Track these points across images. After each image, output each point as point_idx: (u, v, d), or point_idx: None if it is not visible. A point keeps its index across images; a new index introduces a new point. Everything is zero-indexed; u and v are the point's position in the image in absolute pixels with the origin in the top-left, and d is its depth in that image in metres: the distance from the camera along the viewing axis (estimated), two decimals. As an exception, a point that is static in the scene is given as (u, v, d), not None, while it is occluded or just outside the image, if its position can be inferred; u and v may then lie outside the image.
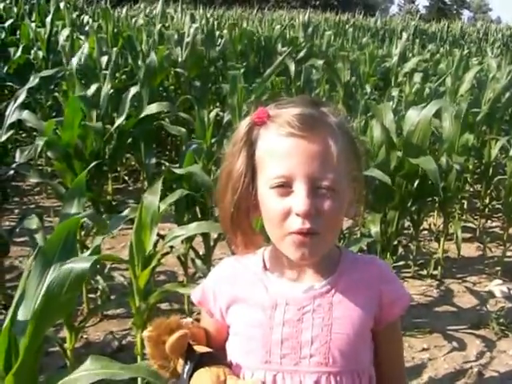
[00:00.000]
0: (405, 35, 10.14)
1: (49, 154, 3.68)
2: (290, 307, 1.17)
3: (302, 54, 7.70)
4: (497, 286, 4.39)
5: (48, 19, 7.11)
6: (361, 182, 1.22)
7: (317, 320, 1.16)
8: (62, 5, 8.72)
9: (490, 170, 5.32)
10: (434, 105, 3.65)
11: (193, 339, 1.19)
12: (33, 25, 7.53)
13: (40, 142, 3.47)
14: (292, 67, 6.68)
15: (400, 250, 4.50)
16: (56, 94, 5.98)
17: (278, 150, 1.10)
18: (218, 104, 7.09)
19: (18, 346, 1.71)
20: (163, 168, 5.89)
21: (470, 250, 5.11)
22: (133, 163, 6.17)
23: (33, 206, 5.58)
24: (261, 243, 1.25)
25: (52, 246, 1.90)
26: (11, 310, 1.75)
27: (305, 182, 1.08)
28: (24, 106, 4.97)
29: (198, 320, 1.31)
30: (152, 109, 4.25)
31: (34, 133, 5.25)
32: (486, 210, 5.72)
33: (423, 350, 3.55)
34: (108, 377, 1.77)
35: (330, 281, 1.19)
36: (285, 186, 1.09)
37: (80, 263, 1.67)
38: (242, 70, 6.61)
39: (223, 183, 1.20)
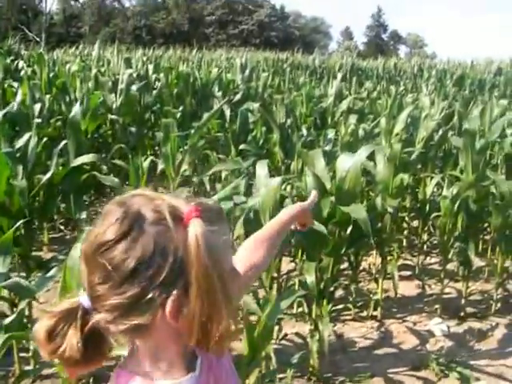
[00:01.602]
0: (339, 75, 10.31)
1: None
2: None
3: (238, 96, 7.74)
4: (436, 325, 4.42)
5: (-21, 66, 7.00)
6: None
7: None
8: (-5, 51, 8.59)
9: (427, 207, 5.39)
10: (366, 150, 3.69)
11: None
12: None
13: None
14: (227, 111, 6.69)
15: (339, 292, 4.50)
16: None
17: None
18: (156, 148, 7.05)
19: None
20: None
21: (409, 289, 5.14)
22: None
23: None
24: None
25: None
26: None
27: None
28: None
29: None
30: (79, 161, 4.18)
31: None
32: (425, 246, 5.79)
33: (364, 396, 3.52)
34: None
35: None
36: None
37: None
38: (179, 115, 6.63)
39: None
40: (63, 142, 4.43)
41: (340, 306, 4.56)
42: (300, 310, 4.37)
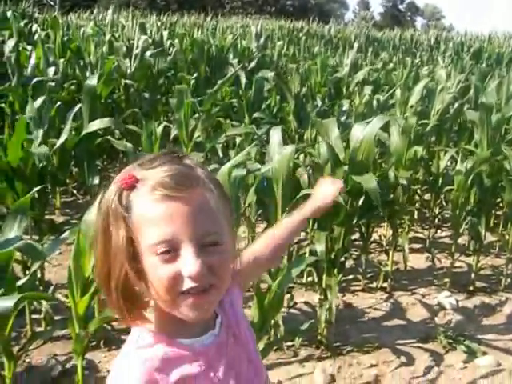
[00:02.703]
0: (356, 45, 10.19)
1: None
2: (215, 361, 1.15)
3: (253, 64, 7.68)
4: (446, 298, 4.43)
5: (-7, 29, 6.97)
6: (235, 225, 1.21)
7: (237, 357, 1.20)
8: (9, 13, 8.53)
9: (439, 181, 5.37)
10: (379, 120, 3.66)
11: None
12: (-22, 34, 7.35)
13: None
14: (243, 78, 6.64)
15: (350, 263, 4.51)
16: (3, 105, 5.85)
17: (156, 215, 1.03)
18: (169, 115, 7.03)
19: None
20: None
21: (419, 261, 5.15)
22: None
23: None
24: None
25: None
26: None
27: (191, 243, 1.03)
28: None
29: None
30: (94, 126, 4.16)
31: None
32: (436, 220, 5.78)
33: (371, 366, 3.54)
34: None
35: (221, 321, 1.21)
36: (170, 251, 1.03)
37: (3, 302, 1.60)
38: (193, 81, 6.58)
39: (103, 261, 1.09)
40: (77, 107, 4.41)
41: (350, 277, 4.58)
42: (310, 279, 4.39)
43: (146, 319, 1.13)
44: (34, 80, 5.51)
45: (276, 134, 3.56)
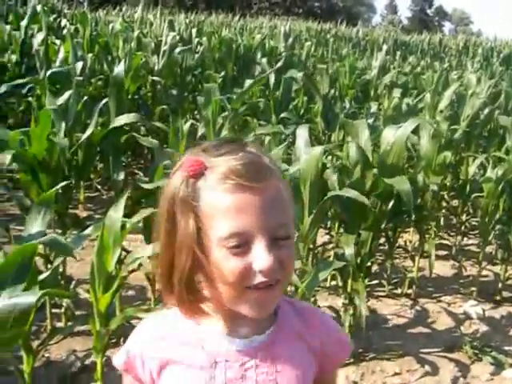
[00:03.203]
0: (384, 47, 10.10)
1: (14, 165, 3.54)
2: (231, 364, 1.07)
3: (280, 63, 7.63)
4: (472, 307, 4.33)
5: (23, 23, 6.98)
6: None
7: (260, 376, 1.07)
8: (39, 8, 8.56)
9: (468, 188, 5.27)
10: (411, 123, 3.58)
11: None
12: (8, 27, 7.37)
13: (7, 156, 3.34)
14: (272, 78, 6.59)
15: (374, 267, 4.43)
16: (29, 98, 5.85)
17: (228, 206, 0.97)
18: (195, 112, 7.00)
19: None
20: (136, 177, 5.79)
21: (445, 269, 5.06)
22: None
23: (0, 213, 5.44)
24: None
25: (4, 273, 1.79)
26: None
27: (263, 236, 0.98)
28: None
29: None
30: (120, 121, 4.12)
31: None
32: (463, 227, 5.68)
33: (395, 374, 3.47)
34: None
35: (271, 332, 1.11)
36: (241, 244, 0.98)
37: (25, 298, 1.56)
38: (220, 80, 6.55)
39: (166, 252, 1.06)
40: (104, 101, 4.38)
41: (374, 282, 4.50)
42: (333, 283, 4.32)
43: (205, 313, 1.10)
44: (61, 74, 5.51)
45: (303, 133, 3.49)
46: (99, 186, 6.15)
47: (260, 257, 0.97)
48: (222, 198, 0.98)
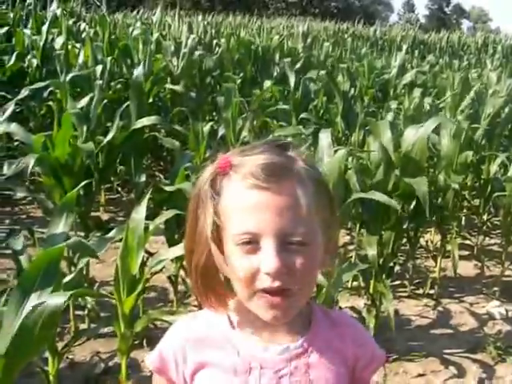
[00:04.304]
0: (404, 46, 10.06)
1: (37, 168, 3.57)
2: (266, 371, 1.07)
3: (299, 64, 7.62)
4: (495, 308, 4.30)
5: (44, 27, 7.03)
6: (336, 227, 1.13)
7: None
8: (58, 12, 8.63)
9: (489, 187, 5.23)
10: (432, 122, 3.56)
11: None
12: (28, 32, 7.44)
13: (31, 159, 3.37)
14: (292, 78, 6.58)
15: (396, 268, 4.41)
16: (50, 102, 5.90)
17: (243, 204, 1.00)
18: (214, 114, 7.02)
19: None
20: (157, 180, 5.82)
21: (467, 269, 5.02)
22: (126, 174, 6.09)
23: (24, 216, 5.49)
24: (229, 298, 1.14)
25: (31, 276, 1.81)
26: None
27: (273, 238, 0.98)
28: (16, 114, 4.89)
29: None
30: (141, 123, 4.15)
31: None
32: (485, 226, 5.63)
33: (419, 375, 3.45)
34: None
35: (305, 340, 1.11)
36: (251, 243, 0.99)
37: (54, 300, 1.58)
38: (239, 81, 6.55)
39: (189, 240, 1.09)
40: (126, 104, 4.41)
41: (396, 283, 4.48)
42: (355, 283, 4.30)
43: (223, 307, 1.12)
44: (82, 77, 5.56)
45: (325, 138, 3.49)
46: (119, 189, 6.18)
47: (266, 258, 0.98)
48: (239, 196, 1.00)
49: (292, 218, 0.99)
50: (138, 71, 4.60)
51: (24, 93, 4.31)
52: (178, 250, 2.61)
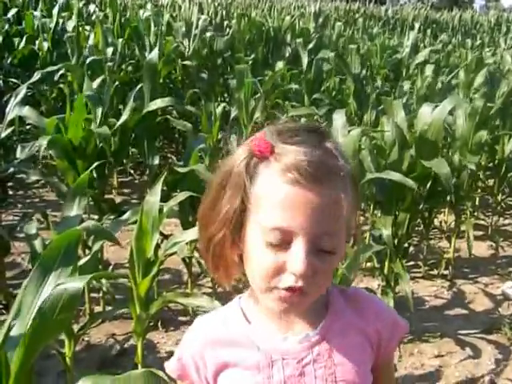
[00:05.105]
0: (417, 25, 9.96)
1: (50, 152, 3.57)
2: (288, 362, 1.05)
3: (311, 45, 7.55)
4: (510, 289, 4.27)
5: (55, 10, 7.01)
6: (356, 216, 1.06)
7: (319, 371, 1.05)
8: (69, -6, 8.60)
9: (503, 167, 5.18)
10: (449, 103, 3.52)
11: None
12: (38, 14, 7.41)
13: (43, 142, 3.36)
14: (305, 59, 6.51)
15: (410, 249, 4.40)
16: (61, 85, 5.89)
17: (280, 199, 0.93)
18: (225, 95, 6.98)
19: (9, 365, 1.62)
20: (169, 161, 5.81)
21: (481, 249, 4.99)
22: (139, 156, 6.08)
23: (37, 199, 5.51)
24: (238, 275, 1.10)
25: (49, 259, 1.80)
26: (5, 325, 1.65)
27: (306, 240, 0.93)
28: (27, 98, 4.88)
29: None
30: (154, 105, 4.11)
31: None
32: (499, 207, 5.59)
33: (434, 356, 3.44)
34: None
35: (323, 325, 1.08)
36: (281, 239, 0.94)
37: (73, 283, 1.57)
38: (250, 62, 6.51)
39: (207, 214, 1.04)
40: (139, 86, 4.38)
41: (410, 263, 4.46)
42: (368, 264, 4.29)
43: (230, 281, 1.10)
44: (93, 60, 5.53)
45: (340, 118, 3.46)
46: (132, 171, 6.18)
47: (296, 259, 0.93)
48: (277, 188, 0.94)
49: (327, 221, 0.94)
50: (153, 53, 4.55)
51: (36, 76, 4.28)
52: (193, 232, 2.60)
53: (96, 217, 3.77)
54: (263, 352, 1.05)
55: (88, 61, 5.29)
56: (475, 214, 5.36)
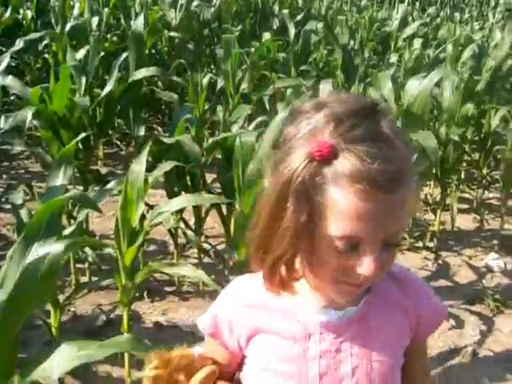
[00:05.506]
0: (406, -1, 9.92)
1: (34, 122, 3.52)
2: (326, 336, 1.04)
3: (299, 17, 7.49)
4: (493, 261, 4.31)
5: (38, -23, 6.88)
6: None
7: (355, 349, 1.04)
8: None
9: (489, 140, 5.19)
10: (436, 75, 3.51)
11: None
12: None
13: (29, 112, 3.31)
14: (292, 30, 6.46)
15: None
16: (46, 55, 5.81)
17: (349, 210, 0.88)
18: (212, 66, 6.92)
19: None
20: (155, 132, 5.78)
21: (466, 222, 5.02)
22: (125, 127, 6.03)
23: (22, 171, 5.47)
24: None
25: (33, 228, 1.79)
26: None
27: (375, 245, 0.90)
28: (12, 68, 4.82)
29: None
30: (140, 74, 4.06)
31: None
32: (484, 180, 5.62)
33: (418, 326, 3.47)
34: (86, 360, 1.67)
35: (366, 301, 1.07)
36: (352, 245, 0.90)
37: (54, 247, 1.56)
38: (238, 33, 6.45)
39: (268, 234, 0.96)
40: (124, 55, 4.32)
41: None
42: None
43: (288, 290, 1.04)
44: (78, 29, 5.46)
45: (327, 88, 3.45)
46: (118, 142, 6.14)
47: (366, 264, 0.91)
48: (346, 199, 0.87)
49: (396, 222, 0.91)
50: (138, 22, 4.47)
51: (19, 44, 4.22)
52: (179, 201, 2.59)
53: (81, 188, 3.76)
54: (302, 324, 1.05)
55: (70, 27, 5.20)
56: (460, 187, 5.38)
